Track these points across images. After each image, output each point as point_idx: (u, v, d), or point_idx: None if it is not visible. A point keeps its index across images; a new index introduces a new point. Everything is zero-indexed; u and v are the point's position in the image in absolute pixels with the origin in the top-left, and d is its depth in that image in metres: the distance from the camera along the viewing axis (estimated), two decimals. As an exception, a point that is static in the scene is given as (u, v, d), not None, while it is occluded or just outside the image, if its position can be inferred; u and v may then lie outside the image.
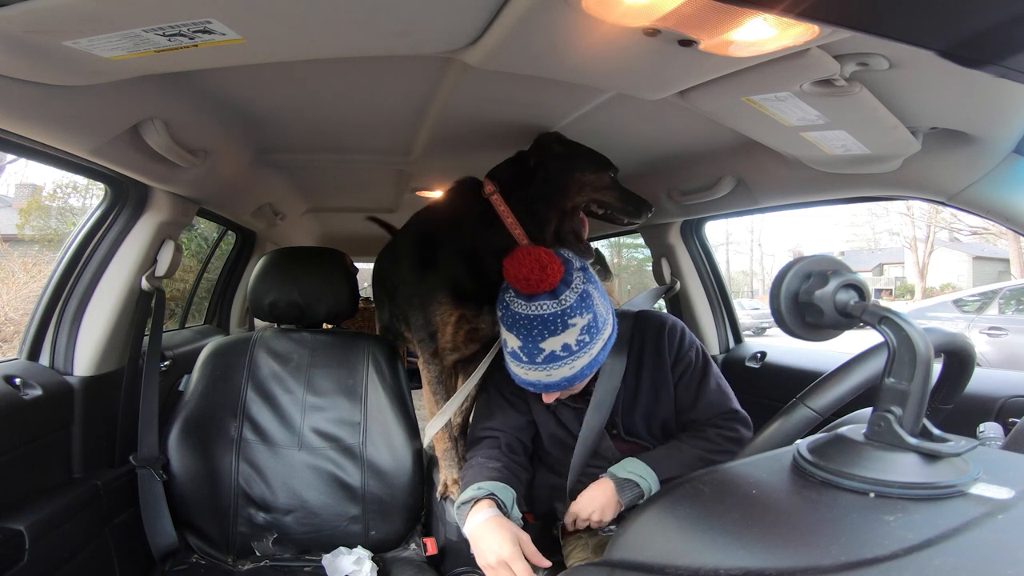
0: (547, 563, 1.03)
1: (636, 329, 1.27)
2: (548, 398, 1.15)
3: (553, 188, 1.28)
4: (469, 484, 1.14)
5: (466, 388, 1.40)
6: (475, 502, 1.08)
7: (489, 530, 1.01)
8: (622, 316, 1.28)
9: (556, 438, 1.28)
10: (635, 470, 1.14)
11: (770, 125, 1.08)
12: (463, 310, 1.33)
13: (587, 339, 1.08)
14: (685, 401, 1.23)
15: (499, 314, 1.14)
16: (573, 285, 1.08)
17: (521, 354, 1.07)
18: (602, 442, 1.25)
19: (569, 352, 1.06)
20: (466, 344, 1.38)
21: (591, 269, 1.16)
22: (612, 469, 1.16)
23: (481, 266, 1.30)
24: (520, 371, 1.10)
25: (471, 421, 1.42)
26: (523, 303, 1.07)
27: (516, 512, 1.12)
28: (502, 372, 1.30)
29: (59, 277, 1.40)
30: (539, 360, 1.06)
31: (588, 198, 1.32)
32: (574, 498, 1.21)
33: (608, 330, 1.13)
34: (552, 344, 1.05)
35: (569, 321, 1.06)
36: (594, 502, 1.14)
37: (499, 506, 1.08)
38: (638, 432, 1.24)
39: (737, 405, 1.24)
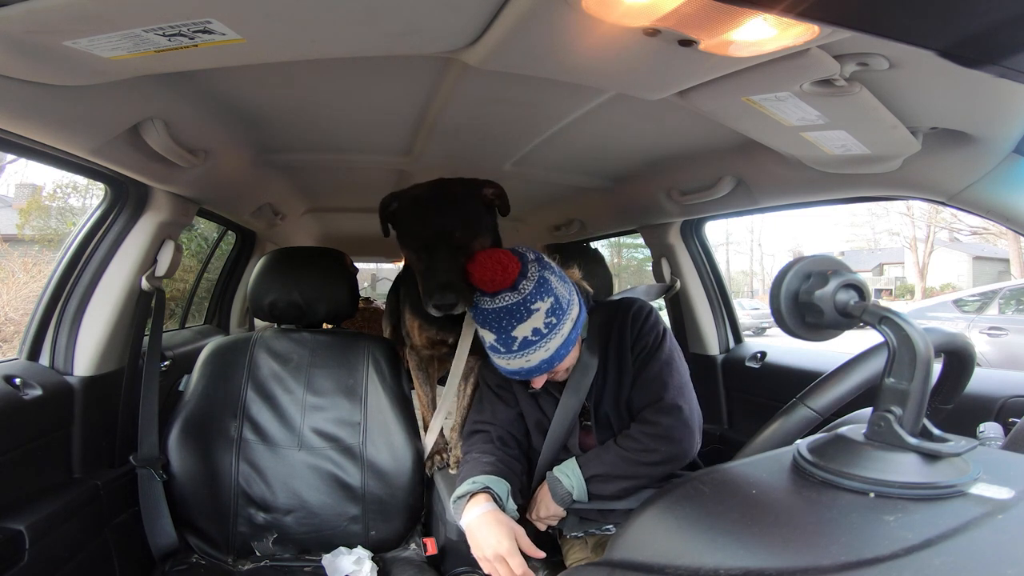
0: (541, 554, 1.07)
1: (612, 317, 1.29)
2: (538, 383, 1.19)
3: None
4: (465, 479, 1.17)
5: (446, 400, 1.53)
6: (471, 496, 1.11)
7: (486, 524, 1.05)
8: (603, 305, 1.33)
9: (540, 427, 1.30)
10: (564, 468, 1.20)
11: (770, 125, 1.08)
12: (420, 320, 1.49)
13: (554, 320, 1.13)
14: (632, 388, 1.25)
15: (472, 315, 1.19)
16: (529, 275, 1.14)
17: (498, 345, 1.14)
18: (571, 436, 1.27)
19: (540, 336, 1.12)
20: (431, 346, 1.54)
21: (546, 257, 1.20)
22: (555, 469, 1.22)
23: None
24: (502, 362, 1.16)
25: (471, 411, 1.44)
26: (488, 299, 1.14)
27: (511, 504, 1.14)
28: (490, 367, 1.33)
29: (59, 277, 1.39)
30: (515, 348, 1.12)
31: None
32: (535, 490, 1.26)
33: (575, 309, 1.17)
34: (522, 331, 1.12)
35: (532, 307, 1.12)
36: (537, 498, 1.22)
37: (495, 499, 1.11)
38: (608, 416, 1.26)
39: (671, 395, 1.20)
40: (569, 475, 1.19)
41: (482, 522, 1.06)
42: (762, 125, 1.10)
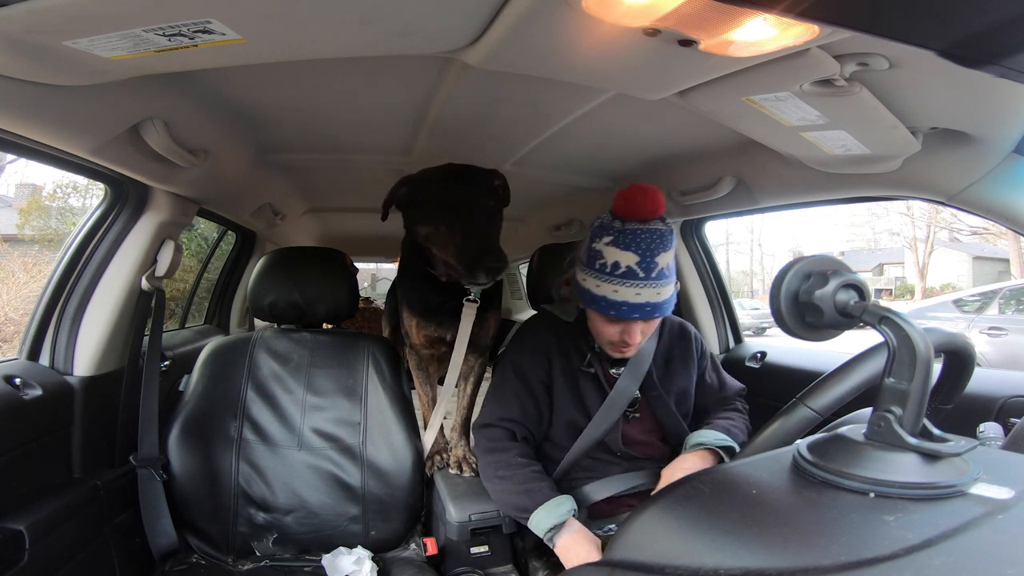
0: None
1: (666, 325, 1.43)
2: (635, 334, 1.20)
3: (415, 236, 1.37)
4: (529, 489, 1.20)
5: (444, 398, 1.55)
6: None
7: (579, 544, 1.13)
8: None
9: (573, 427, 1.30)
10: (724, 437, 1.24)
11: (770, 125, 1.08)
12: (418, 318, 1.54)
13: (674, 265, 1.20)
14: (712, 386, 1.42)
15: (608, 240, 1.18)
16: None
17: (638, 269, 1.15)
18: (611, 432, 1.29)
19: (670, 273, 1.18)
20: (429, 344, 1.57)
21: None
22: (701, 440, 1.24)
23: (420, 287, 1.49)
24: (632, 291, 1.15)
25: (485, 405, 1.42)
26: (639, 223, 1.17)
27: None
28: (522, 357, 1.35)
29: (59, 277, 1.39)
30: (654, 275, 1.15)
31: (431, 248, 1.35)
32: (563, 478, 1.28)
33: None
34: (663, 260, 1.16)
35: (672, 241, 1.18)
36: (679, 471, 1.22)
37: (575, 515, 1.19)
38: (667, 404, 1.33)
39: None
40: (732, 443, 1.24)
41: (575, 541, 1.14)
42: (762, 125, 1.10)
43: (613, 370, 1.32)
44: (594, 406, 1.29)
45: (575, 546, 1.13)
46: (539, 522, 1.17)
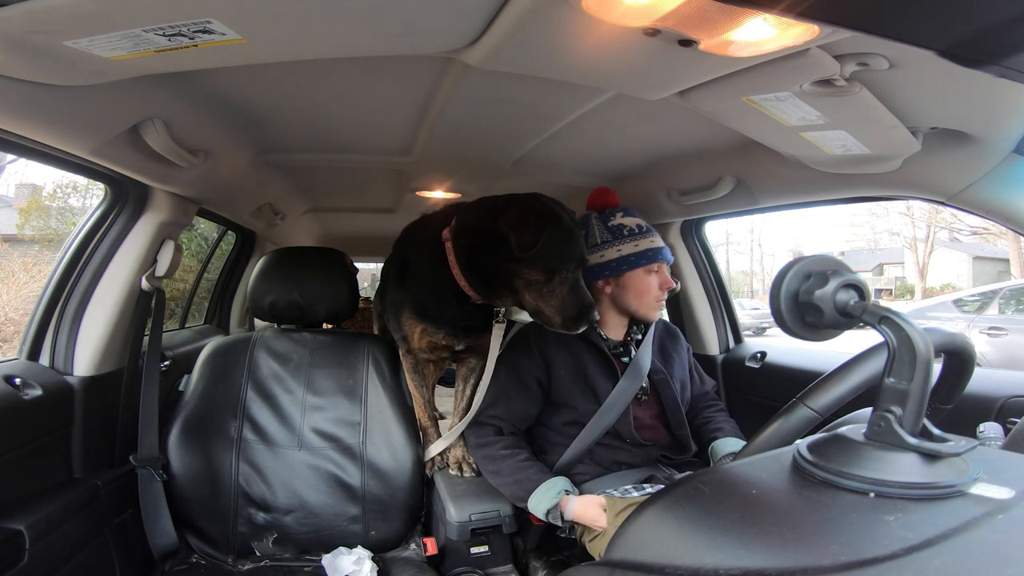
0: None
1: (663, 322, 1.58)
2: (669, 280, 1.42)
3: (498, 266, 1.27)
4: (515, 480, 1.29)
5: (464, 423, 1.49)
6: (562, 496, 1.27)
7: (585, 508, 1.24)
8: None
9: (581, 416, 1.34)
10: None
11: (770, 125, 1.08)
12: (425, 324, 1.44)
13: None
14: (696, 380, 1.56)
15: (620, 214, 1.46)
16: None
17: (647, 227, 1.45)
18: (623, 417, 1.33)
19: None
20: (431, 351, 1.50)
21: None
22: (733, 450, 1.34)
23: (438, 297, 1.40)
24: (657, 240, 1.44)
25: (482, 404, 1.44)
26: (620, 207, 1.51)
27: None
28: (517, 358, 1.40)
29: (59, 277, 1.39)
30: (654, 235, 1.45)
31: (526, 291, 1.28)
32: (565, 469, 1.32)
33: None
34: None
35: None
36: None
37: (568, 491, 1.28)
38: (672, 387, 1.42)
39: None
40: None
41: (582, 507, 1.24)
42: (762, 125, 1.10)
43: (625, 359, 1.40)
44: (605, 391, 1.34)
45: (584, 511, 1.23)
46: (536, 507, 1.26)
